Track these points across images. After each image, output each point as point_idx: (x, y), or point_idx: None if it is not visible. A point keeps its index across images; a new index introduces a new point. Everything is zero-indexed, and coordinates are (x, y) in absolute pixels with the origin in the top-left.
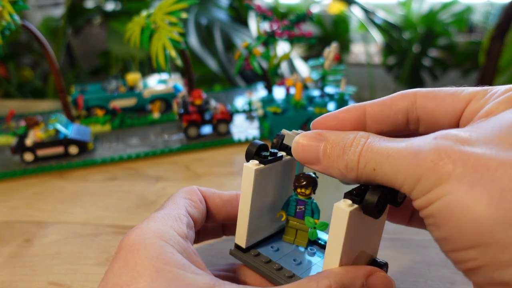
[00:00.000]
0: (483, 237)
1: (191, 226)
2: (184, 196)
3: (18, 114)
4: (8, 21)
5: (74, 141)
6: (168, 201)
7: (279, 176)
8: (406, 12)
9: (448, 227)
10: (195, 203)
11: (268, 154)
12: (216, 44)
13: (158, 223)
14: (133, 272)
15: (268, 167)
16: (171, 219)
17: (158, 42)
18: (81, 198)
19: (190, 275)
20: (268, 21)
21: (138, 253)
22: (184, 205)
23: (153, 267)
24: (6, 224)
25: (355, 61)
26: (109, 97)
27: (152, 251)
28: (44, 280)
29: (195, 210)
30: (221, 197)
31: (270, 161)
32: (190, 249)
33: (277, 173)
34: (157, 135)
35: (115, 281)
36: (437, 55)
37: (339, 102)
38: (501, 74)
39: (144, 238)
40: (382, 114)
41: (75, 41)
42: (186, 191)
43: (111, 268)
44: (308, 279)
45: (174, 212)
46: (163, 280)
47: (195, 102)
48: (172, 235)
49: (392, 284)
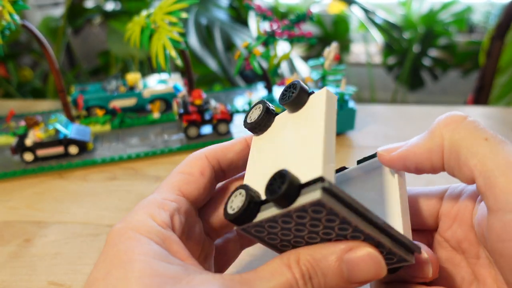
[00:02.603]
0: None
1: (183, 210)
2: (182, 170)
3: (18, 114)
4: (8, 21)
5: (74, 141)
6: (166, 179)
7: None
8: (406, 12)
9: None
10: (193, 176)
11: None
12: (216, 44)
13: (139, 214)
14: (109, 266)
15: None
16: (154, 206)
17: (158, 42)
18: (81, 198)
19: (163, 264)
20: (268, 21)
21: (116, 247)
22: (178, 184)
23: (127, 259)
24: (6, 224)
25: (355, 61)
26: (109, 97)
27: (128, 244)
28: (44, 280)
29: (193, 186)
30: (232, 149)
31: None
32: (171, 239)
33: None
34: (157, 135)
35: (94, 275)
36: (437, 55)
37: (339, 102)
38: (501, 74)
39: (122, 232)
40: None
41: (75, 41)
42: (186, 162)
43: (96, 262)
44: (280, 263)
45: (160, 198)
46: (136, 270)
47: (195, 102)
48: (150, 226)
49: (379, 262)
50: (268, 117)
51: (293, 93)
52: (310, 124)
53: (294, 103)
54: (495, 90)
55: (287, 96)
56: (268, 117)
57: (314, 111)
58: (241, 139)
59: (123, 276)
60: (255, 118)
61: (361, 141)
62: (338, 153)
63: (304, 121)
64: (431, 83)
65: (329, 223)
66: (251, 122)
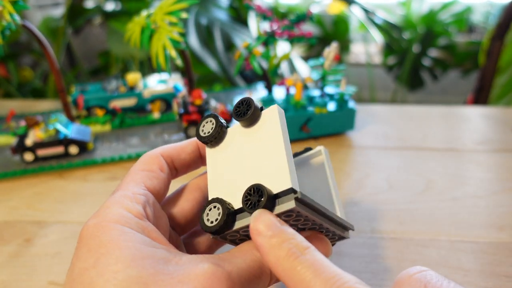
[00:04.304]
0: None
1: (151, 202)
2: (143, 168)
3: (18, 114)
4: (8, 21)
5: (74, 141)
6: (127, 177)
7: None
8: (406, 12)
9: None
10: (154, 173)
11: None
12: (216, 44)
13: (114, 208)
14: (97, 254)
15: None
16: (127, 200)
17: (158, 42)
18: (81, 198)
19: (150, 248)
20: (268, 21)
21: (99, 238)
22: (141, 180)
23: (115, 246)
24: (6, 224)
25: (355, 61)
26: (109, 97)
27: (112, 235)
28: (44, 280)
29: (155, 181)
30: (185, 150)
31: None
32: (150, 228)
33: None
34: (157, 135)
35: (81, 266)
36: (437, 55)
37: (339, 102)
38: (501, 74)
39: (102, 225)
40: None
41: (75, 41)
42: (144, 161)
43: (75, 256)
44: (248, 245)
45: (129, 193)
46: (127, 255)
47: (195, 102)
48: (129, 217)
49: (327, 244)
50: (222, 131)
51: (247, 109)
52: (268, 139)
53: (250, 119)
54: (495, 90)
55: (242, 112)
56: (222, 131)
57: (269, 127)
58: (192, 141)
59: (114, 261)
60: (208, 131)
61: (361, 141)
62: (338, 153)
63: (261, 136)
64: (431, 83)
65: (295, 222)
66: (205, 136)
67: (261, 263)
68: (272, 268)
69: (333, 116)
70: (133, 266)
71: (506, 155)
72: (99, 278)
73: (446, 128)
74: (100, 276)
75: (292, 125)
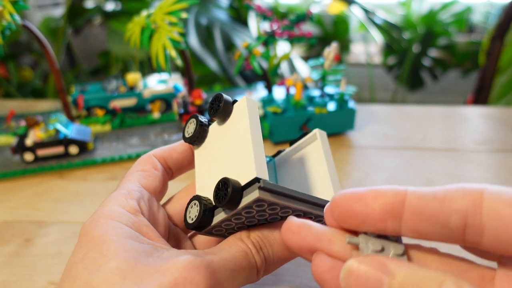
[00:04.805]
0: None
1: (146, 198)
2: (137, 169)
3: (18, 114)
4: (8, 21)
5: (74, 141)
6: (123, 179)
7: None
8: (406, 12)
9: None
10: (148, 171)
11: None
12: (216, 44)
13: (107, 206)
14: (86, 249)
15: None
16: (121, 197)
17: (158, 42)
18: (81, 198)
19: (135, 243)
20: (268, 21)
21: (90, 233)
22: (136, 179)
23: (102, 241)
24: (6, 224)
25: (355, 61)
26: (109, 97)
27: (101, 229)
28: (44, 280)
29: (150, 179)
30: (176, 150)
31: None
32: (141, 222)
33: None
34: (157, 135)
35: (71, 261)
36: (437, 55)
37: (339, 102)
38: (501, 74)
39: (96, 221)
40: (429, 210)
41: (75, 41)
42: (139, 162)
43: (72, 252)
44: (234, 238)
45: (124, 190)
46: (111, 248)
47: (195, 102)
48: (120, 212)
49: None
50: (202, 129)
51: (219, 106)
52: (237, 132)
53: (221, 115)
54: (495, 90)
55: (214, 109)
56: (203, 129)
57: (239, 118)
58: (183, 141)
59: (99, 255)
60: (191, 132)
61: (361, 141)
62: (338, 153)
63: (232, 130)
64: (431, 83)
65: (272, 211)
66: (189, 137)
67: (247, 255)
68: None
69: (333, 116)
70: (115, 258)
71: (506, 155)
72: (84, 271)
73: (446, 128)
74: (85, 269)
75: (292, 125)
